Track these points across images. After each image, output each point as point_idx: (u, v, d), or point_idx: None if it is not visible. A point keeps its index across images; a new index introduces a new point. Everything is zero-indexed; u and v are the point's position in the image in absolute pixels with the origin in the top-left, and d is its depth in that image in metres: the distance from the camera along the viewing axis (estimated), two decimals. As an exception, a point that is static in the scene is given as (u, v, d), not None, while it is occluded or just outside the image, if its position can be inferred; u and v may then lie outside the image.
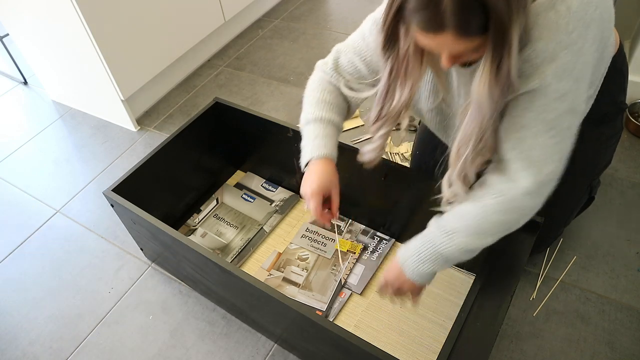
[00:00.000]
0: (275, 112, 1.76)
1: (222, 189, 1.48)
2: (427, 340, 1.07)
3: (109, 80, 1.62)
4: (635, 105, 1.51)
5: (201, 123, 1.31)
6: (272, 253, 1.29)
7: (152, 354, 1.14)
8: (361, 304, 1.15)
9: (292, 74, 1.94)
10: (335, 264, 1.23)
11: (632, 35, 1.59)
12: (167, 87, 1.94)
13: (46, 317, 1.24)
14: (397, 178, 1.10)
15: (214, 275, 1.04)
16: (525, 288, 1.16)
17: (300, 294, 1.18)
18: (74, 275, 1.33)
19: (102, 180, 1.61)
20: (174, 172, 1.30)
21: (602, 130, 1.01)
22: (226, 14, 2.02)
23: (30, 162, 1.72)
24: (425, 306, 1.12)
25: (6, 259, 1.40)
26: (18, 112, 1.97)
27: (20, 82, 2.12)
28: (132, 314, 1.22)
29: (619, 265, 1.18)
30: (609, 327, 1.07)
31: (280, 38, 2.16)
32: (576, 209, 1.13)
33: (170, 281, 1.28)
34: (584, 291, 1.14)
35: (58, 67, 1.76)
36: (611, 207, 1.30)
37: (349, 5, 2.31)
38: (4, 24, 1.74)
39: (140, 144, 1.73)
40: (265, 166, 1.46)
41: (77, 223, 1.48)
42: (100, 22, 1.49)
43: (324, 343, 0.89)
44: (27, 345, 1.19)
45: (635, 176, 1.36)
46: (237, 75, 1.98)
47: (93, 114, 1.88)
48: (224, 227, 1.36)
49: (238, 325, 1.16)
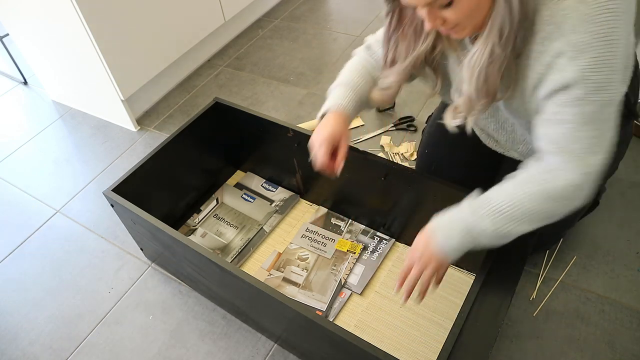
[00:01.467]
0: (275, 112, 1.76)
1: (222, 189, 1.48)
2: (427, 340, 1.07)
3: (109, 80, 1.62)
4: (635, 105, 1.51)
5: (201, 123, 1.31)
6: (272, 253, 1.29)
7: (152, 354, 1.14)
8: (361, 304, 1.15)
9: (292, 74, 1.94)
10: (335, 264, 1.23)
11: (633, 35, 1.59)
12: (167, 87, 1.94)
13: (46, 317, 1.24)
14: (397, 178, 1.10)
15: (214, 275, 1.04)
16: (525, 288, 1.16)
17: (300, 294, 1.18)
18: (74, 275, 1.33)
19: (102, 180, 1.61)
20: (174, 172, 1.30)
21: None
22: (226, 14, 2.02)
23: (30, 162, 1.72)
24: (425, 306, 1.12)
25: (6, 259, 1.40)
26: (18, 112, 1.97)
27: (20, 82, 2.12)
28: (132, 314, 1.22)
29: (619, 265, 1.18)
30: (609, 327, 1.07)
31: (280, 38, 2.16)
32: (579, 214, 1.11)
33: (170, 281, 1.28)
34: (584, 291, 1.14)
35: (58, 67, 1.76)
36: (611, 207, 1.30)
37: (349, 5, 2.31)
38: (4, 24, 1.74)
39: (140, 144, 1.73)
40: (265, 166, 1.46)
41: (77, 223, 1.48)
42: (100, 22, 1.49)
43: (324, 343, 0.89)
44: (27, 345, 1.19)
45: (635, 176, 1.37)
46: (237, 75, 1.98)
47: (93, 114, 1.88)
48: (224, 227, 1.36)
49: (238, 325, 1.16)
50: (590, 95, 0.70)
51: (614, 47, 0.68)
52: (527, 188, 0.77)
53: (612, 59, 0.68)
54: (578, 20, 0.67)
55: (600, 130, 0.73)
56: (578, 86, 0.70)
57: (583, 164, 0.74)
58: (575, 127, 0.72)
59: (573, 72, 0.69)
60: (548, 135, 0.76)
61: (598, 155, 0.74)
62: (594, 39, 0.67)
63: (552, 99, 0.73)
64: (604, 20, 0.66)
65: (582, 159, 0.74)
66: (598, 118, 0.72)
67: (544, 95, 0.74)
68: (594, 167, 0.74)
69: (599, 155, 0.74)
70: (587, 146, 0.73)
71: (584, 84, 0.69)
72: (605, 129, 0.73)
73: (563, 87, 0.71)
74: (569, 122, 0.73)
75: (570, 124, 0.73)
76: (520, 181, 0.79)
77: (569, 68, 0.69)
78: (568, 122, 0.73)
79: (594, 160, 0.74)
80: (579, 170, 0.74)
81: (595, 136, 0.73)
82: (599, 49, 0.67)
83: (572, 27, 0.67)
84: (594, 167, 0.74)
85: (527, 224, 0.78)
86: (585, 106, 0.71)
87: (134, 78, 1.71)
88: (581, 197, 0.77)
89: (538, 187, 0.77)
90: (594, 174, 0.75)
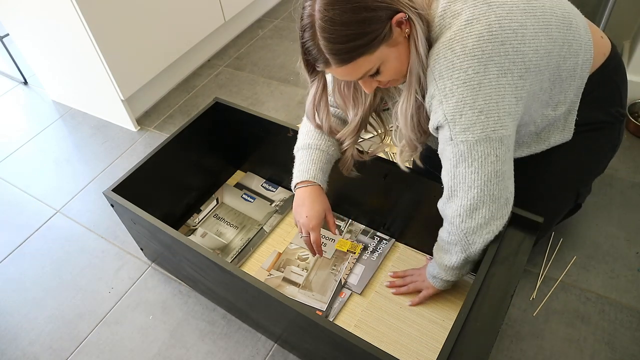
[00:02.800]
0: (275, 112, 1.76)
1: (222, 189, 1.48)
2: (427, 340, 1.07)
3: (109, 80, 1.62)
4: (635, 105, 1.51)
5: (201, 123, 1.31)
6: (272, 253, 1.29)
7: (152, 354, 1.14)
8: (361, 304, 1.15)
9: (292, 74, 1.94)
10: (335, 264, 1.23)
11: (632, 35, 1.59)
12: (167, 87, 1.94)
13: (46, 317, 1.24)
14: (397, 178, 1.10)
15: (214, 275, 1.04)
16: (525, 288, 1.16)
17: (300, 294, 1.18)
18: (74, 275, 1.33)
19: (102, 180, 1.61)
20: (174, 172, 1.30)
21: (593, 139, 0.99)
22: (226, 14, 2.02)
23: (30, 162, 1.72)
24: (425, 306, 1.12)
25: (6, 259, 1.40)
26: (18, 112, 1.97)
27: (20, 82, 2.12)
28: (132, 314, 1.22)
29: (619, 265, 1.18)
30: (609, 327, 1.07)
31: (280, 38, 2.16)
32: (559, 215, 1.11)
33: (170, 281, 1.28)
34: (583, 291, 1.14)
35: (58, 67, 1.76)
36: (611, 207, 1.30)
37: (349, 5, 2.31)
38: (4, 24, 1.74)
39: (140, 144, 1.73)
40: (265, 166, 1.46)
41: (77, 223, 1.48)
42: (100, 22, 1.49)
43: (324, 343, 0.89)
44: (27, 345, 1.19)
45: (635, 176, 1.37)
46: (237, 75, 1.98)
47: (93, 114, 1.88)
48: (224, 227, 1.36)
49: (238, 325, 1.16)
50: (459, 135, 0.77)
51: (479, 91, 0.74)
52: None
53: (477, 102, 0.74)
54: (444, 67, 0.75)
55: (477, 165, 0.79)
56: (447, 126, 0.78)
57: (462, 197, 0.83)
58: (453, 163, 0.81)
59: (441, 113, 0.77)
60: (443, 168, 0.85)
61: (476, 189, 0.80)
62: (455, 85, 0.74)
63: (438, 136, 0.82)
64: (467, 67, 0.73)
65: (461, 193, 0.82)
66: (473, 155, 0.78)
67: (433, 130, 0.83)
68: (471, 201, 0.82)
69: (476, 189, 0.80)
70: (464, 181, 0.81)
71: (452, 124, 0.77)
72: (483, 164, 0.79)
73: (439, 127, 0.80)
74: (448, 158, 0.81)
75: (450, 160, 0.81)
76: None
77: (439, 111, 0.77)
78: (448, 159, 0.81)
79: (472, 194, 0.81)
80: (458, 203, 0.84)
81: (472, 172, 0.79)
82: (461, 94, 0.74)
83: (439, 73, 0.75)
84: (472, 201, 0.82)
85: (451, 255, 0.94)
86: (458, 145, 0.78)
87: (134, 78, 1.71)
88: (470, 228, 0.86)
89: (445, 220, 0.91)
90: (477, 209, 0.83)
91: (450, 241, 0.91)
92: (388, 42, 0.74)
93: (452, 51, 0.73)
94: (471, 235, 0.86)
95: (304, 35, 0.76)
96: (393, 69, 0.79)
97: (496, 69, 0.73)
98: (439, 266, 0.99)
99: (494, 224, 0.85)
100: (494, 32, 0.73)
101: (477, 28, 0.73)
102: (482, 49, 0.72)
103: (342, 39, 0.72)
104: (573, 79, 0.86)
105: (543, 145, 0.95)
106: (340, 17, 0.71)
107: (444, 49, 0.74)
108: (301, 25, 0.76)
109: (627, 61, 1.53)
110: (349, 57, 0.75)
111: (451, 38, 0.74)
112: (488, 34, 0.72)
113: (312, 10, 0.73)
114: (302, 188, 1.02)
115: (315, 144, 1.02)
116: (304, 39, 0.77)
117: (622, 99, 1.00)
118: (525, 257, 0.91)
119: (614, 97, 0.98)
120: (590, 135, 0.97)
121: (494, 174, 0.79)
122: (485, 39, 0.72)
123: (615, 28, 1.53)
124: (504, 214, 0.85)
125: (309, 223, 1.00)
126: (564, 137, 0.94)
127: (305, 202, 1.00)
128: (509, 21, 0.74)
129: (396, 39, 0.75)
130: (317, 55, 0.77)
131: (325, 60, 0.76)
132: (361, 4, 0.70)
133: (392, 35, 0.74)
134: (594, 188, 1.33)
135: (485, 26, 0.73)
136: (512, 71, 0.75)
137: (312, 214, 1.00)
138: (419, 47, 0.76)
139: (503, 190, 0.82)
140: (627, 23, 1.56)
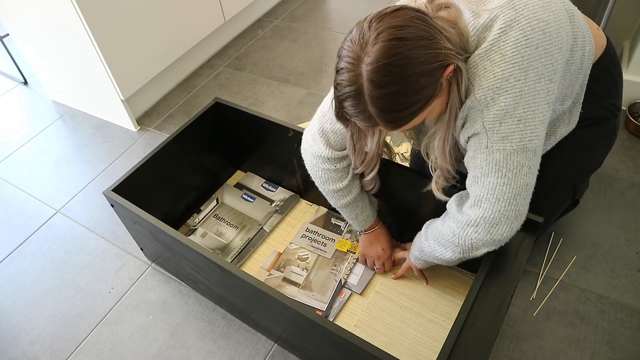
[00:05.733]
0: (275, 112, 1.76)
1: (222, 189, 1.48)
2: (427, 340, 1.07)
3: (109, 80, 1.62)
4: (635, 105, 1.51)
5: (201, 123, 1.31)
6: (272, 253, 1.29)
7: (152, 354, 1.14)
8: (361, 304, 1.15)
9: (292, 74, 1.94)
10: (335, 264, 1.23)
11: (632, 35, 1.59)
12: (167, 87, 1.94)
13: (46, 317, 1.24)
14: (397, 178, 1.10)
15: (214, 275, 1.04)
16: (525, 288, 1.16)
17: (300, 294, 1.18)
18: (74, 275, 1.33)
19: (102, 180, 1.61)
20: (174, 172, 1.30)
21: (589, 134, 0.99)
22: (226, 14, 2.02)
23: (30, 162, 1.72)
24: (425, 306, 1.12)
25: (6, 259, 1.40)
26: (18, 112, 1.97)
27: (20, 82, 2.12)
28: (132, 314, 1.22)
29: (619, 265, 1.18)
30: (609, 327, 1.07)
31: (280, 38, 2.16)
32: (557, 212, 1.11)
33: (170, 281, 1.28)
34: (583, 291, 1.14)
35: (58, 67, 1.76)
36: (611, 207, 1.30)
37: (349, 5, 2.32)
38: (4, 24, 1.74)
39: (140, 144, 1.73)
40: (265, 166, 1.46)
41: (77, 223, 1.48)
42: (100, 22, 1.49)
43: (324, 343, 0.89)
44: (27, 345, 1.19)
45: (635, 176, 1.37)
46: (237, 75, 1.98)
47: (93, 114, 1.88)
48: (224, 227, 1.36)
49: (238, 325, 1.16)
50: (496, 144, 0.76)
51: (520, 99, 0.73)
52: (450, 222, 0.89)
53: (517, 110, 0.74)
54: (483, 77, 0.73)
55: (509, 177, 0.78)
56: (485, 135, 0.76)
57: (487, 209, 0.81)
58: (484, 173, 0.79)
59: (480, 123, 0.76)
60: (469, 176, 0.83)
61: (503, 203, 0.79)
62: (497, 94, 0.73)
63: (471, 144, 0.81)
64: (509, 75, 0.72)
65: (487, 205, 0.80)
66: (507, 166, 0.77)
67: (464, 141, 0.82)
68: (495, 214, 0.80)
69: (504, 203, 0.79)
70: (493, 193, 0.79)
71: (490, 133, 0.76)
72: (515, 176, 0.78)
73: (474, 135, 0.78)
74: (480, 167, 0.79)
75: (481, 169, 0.79)
76: (449, 215, 0.91)
77: (478, 120, 0.76)
78: (479, 168, 0.80)
79: (498, 208, 0.80)
80: (480, 214, 0.82)
81: (503, 184, 0.78)
82: (503, 102, 0.73)
83: (479, 84, 0.74)
84: (496, 214, 0.80)
85: (450, 253, 0.91)
86: (494, 154, 0.77)
87: (134, 78, 1.71)
88: (480, 241, 0.84)
89: (453, 224, 0.87)
90: (498, 224, 0.81)
91: (452, 241, 0.88)
92: (439, 95, 0.73)
93: (492, 61, 0.72)
94: (479, 247, 0.85)
95: (346, 99, 0.71)
96: (436, 114, 0.78)
97: (534, 75, 0.73)
98: (430, 256, 0.97)
99: (505, 240, 0.84)
100: (529, 35, 0.72)
101: (512, 35, 0.72)
102: (522, 55, 0.71)
103: (398, 106, 0.69)
104: (580, 72, 0.85)
105: (551, 140, 0.94)
106: (396, 86, 0.67)
107: (481, 60, 0.73)
108: (342, 87, 0.71)
109: (627, 61, 1.53)
110: (404, 122, 0.72)
111: (487, 49, 0.73)
112: (524, 39, 0.71)
113: (356, 76, 0.68)
114: (368, 234, 1.17)
115: (353, 198, 1.07)
116: (346, 102, 0.72)
117: (619, 91, 1.00)
118: (525, 257, 0.91)
119: (610, 89, 0.98)
120: (586, 129, 0.97)
121: (524, 187, 0.78)
122: (523, 45, 0.71)
123: (615, 28, 1.53)
124: (516, 229, 0.83)
125: (384, 254, 1.17)
126: (569, 128, 0.94)
127: (379, 239, 1.18)
128: (537, 22, 0.72)
129: (444, 89, 0.73)
130: (364, 119, 0.72)
131: (375, 123, 0.72)
132: (417, 70, 0.67)
133: (442, 88, 0.72)
134: (595, 188, 1.33)
135: (519, 31, 0.72)
136: (545, 75, 0.74)
137: (387, 246, 1.18)
138: (461, 87, 0.74)
139: (526, 206, 0.81)
140: (627, 23, 1.56)
